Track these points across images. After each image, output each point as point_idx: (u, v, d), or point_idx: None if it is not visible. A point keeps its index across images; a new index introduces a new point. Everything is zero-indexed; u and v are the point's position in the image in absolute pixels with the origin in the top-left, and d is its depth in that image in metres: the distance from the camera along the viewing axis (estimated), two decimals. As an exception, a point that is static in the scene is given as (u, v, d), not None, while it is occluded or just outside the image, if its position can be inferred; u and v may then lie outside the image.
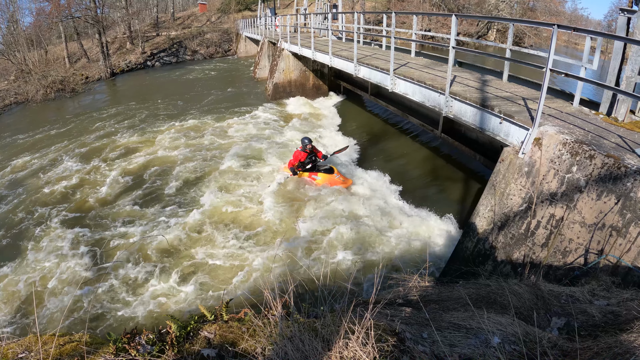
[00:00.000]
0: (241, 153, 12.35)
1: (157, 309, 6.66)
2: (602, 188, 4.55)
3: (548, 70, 5.27)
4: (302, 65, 18.82)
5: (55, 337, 2.41)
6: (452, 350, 2.27)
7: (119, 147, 14.16)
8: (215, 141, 14.00)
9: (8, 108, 24.38)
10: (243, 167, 11.53)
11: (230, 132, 15.02)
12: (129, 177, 11.53)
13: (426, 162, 10.65)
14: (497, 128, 6.33)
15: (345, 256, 7.49)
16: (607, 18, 50.71)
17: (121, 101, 22.19)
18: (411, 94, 8.87)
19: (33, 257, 8.19)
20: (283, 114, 17.11)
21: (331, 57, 13.64)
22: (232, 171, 11.29)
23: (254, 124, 15.71)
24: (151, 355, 2.07)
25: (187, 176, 11.29)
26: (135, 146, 14.09)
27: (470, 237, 6.16)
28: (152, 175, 11.53)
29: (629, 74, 5.46)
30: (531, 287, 3.37)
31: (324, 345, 2.08)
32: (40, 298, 7.02)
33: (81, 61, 33.65)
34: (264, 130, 14.84)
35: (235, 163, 11.72)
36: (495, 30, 43.30)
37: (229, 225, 8.72)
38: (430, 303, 3.35)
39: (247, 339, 2.20)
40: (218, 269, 7.47)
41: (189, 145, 13.65)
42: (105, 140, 15.07)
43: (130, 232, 8.77)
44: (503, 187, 5.79)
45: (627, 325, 2.51)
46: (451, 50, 7.26)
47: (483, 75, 8.85)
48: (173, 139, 14.47)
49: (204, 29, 41.81)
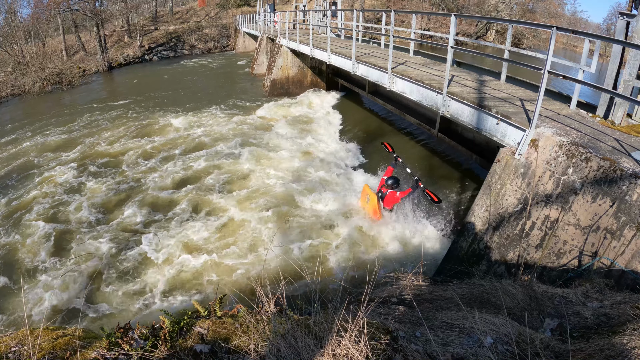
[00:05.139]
0: (229, 152, 12.38)
1: (150, 303, 6.65)
2: (597, 191, 4.56)
3: (546, 72, 5.28)
4: (300, 62, 18.78)
5: (48, 331, 2.40)
6: (444, 350, 2.27)
7: (111, 141, 14.10)
8: (209, 136, 14.01)
9: (4, 100, 24.21)
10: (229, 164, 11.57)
11: (220, 128, 14.99)
12: (119, 176, 11.50)
13: (422, 161, 10.66)
14: (494, 129, 6.34)
15: (339, 254, 7.49)
16: (606, 21, 51.06)
17: (118, 95, 22.10)
18: (409, 92, 8.86)
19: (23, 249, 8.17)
20: (278, 111, 17.08)
21: (329, 54, 13.62)
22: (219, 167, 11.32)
23: (248, 120, 15.71)
24: (144, 350, 2.06)
25: (175, 174, 11.24)
26: (125, 143, 13.98)
27: (465, 237, 6.17)
28: (146, 171, 11.50)
29: (626, 77, 5.48)
30: (525, 287, 3.37)
31: (317, 343, 2.08)
32: (31, 291, 7.01)
33: (79, 54, 33.48)
34: (256, 129, 14.83)
35: (224, 160, 11.75)
36: (494, 31, 43.34)
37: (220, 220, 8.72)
38: (424, 302, 3.35)
39: (240, 335, 2.19)
40: (211, 265, 7.45)
41: (183, 142, 13.62)
42: (97, 133, 15.01)
43: (121, 228, 8.75)
44: (499, 188, 5.80)
45: (619, 328, 2.51)
46: (449, 50, 7.27)
47: (481, 76, 8.85)
48: (167, 133, 14.44)
49: (202, 24, 41.65)
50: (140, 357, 2.01)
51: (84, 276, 7.25)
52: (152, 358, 2.02)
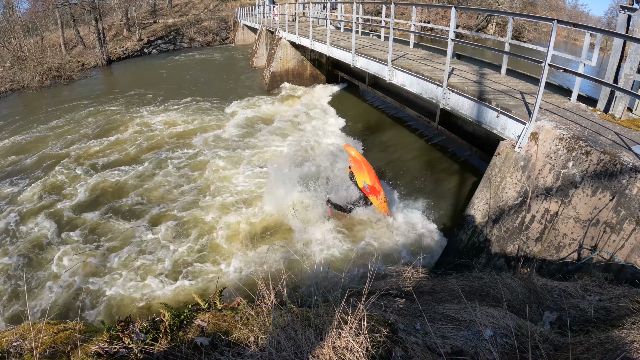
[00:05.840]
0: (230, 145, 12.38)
1: (151, 297, 6.67)
2: (597, 184, 4.56)
3: (547, 65, 5.26)
4: (300, 54, 18.71)
5: (49, 325, 2.40)
6: (444, 342, 2.28)
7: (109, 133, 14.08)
8: (208, 128, 14.02)
9: (3, 95, 24.11)
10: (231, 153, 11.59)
11: (221, 120, 14.98)
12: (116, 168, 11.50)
13: (422, 153, 10.65)
14: (494, 121, 6.33)
15: (339, 247, 7.50)
16: (607, 15, 50.73)
17: (116, 88, 21.99)
18: (409, 85, 8.83)
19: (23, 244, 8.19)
20: (278, 103, 17.05)
21: (329, 46, 13.57)
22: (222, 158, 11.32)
23: (248, 113, 15.71)
24: (144, 343, 2.06)
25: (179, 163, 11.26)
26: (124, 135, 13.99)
27: (464, 230, 6.17)
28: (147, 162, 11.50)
29: (627, 71, 5.46)
30: (524, 280, 3.38)
31: (317, 335, 2.08)
32: (32, 286, 7.03)
33: (77, 48, 33.29)
34: (256, 122, 14.83)
35: (225, 152, 11.77)
36: (494, 24, 43.16)
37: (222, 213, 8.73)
38: (424, 294, 3.36)
39: (240, 328, 2.20)
40: (212, 258, 7.47)
41: (184, 133, 13.62)
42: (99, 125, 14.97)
43: (121, 221, 8.76)
44: (498, 181, 5.79)
45: (618, 322, 2.52)
46: (450, 43, 7.23)
47: (481, 69, 8.82)
48: (170, 125, 14.42)
49: (201, 17, 41.39)
50: (141, 350, 2.02)
51: (86, 270, 7.27)
52: (153, 351, 2.03)
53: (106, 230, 8.48)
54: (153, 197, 9.71)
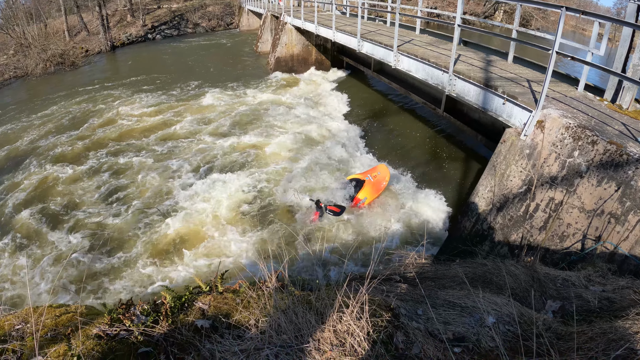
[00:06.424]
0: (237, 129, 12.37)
1: (152, 279, 6.70)
2: (602, 174, 4.52)
3: (554, 52, 5.18)
4: (305, 39, 18.58)
5: (51, 309, 2.41)
6: (446, 328, 2.27)
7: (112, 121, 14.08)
8: (218, 112, 14.02)
9: (7, 82, 24.07)
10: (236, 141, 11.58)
11: (226, 106, 14.95)
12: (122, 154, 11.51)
13: (427, 140, 10.60)
14: (500, 109, 6.27)
15: (343, 231, 7.50)
16: (617, 5, 50.03)
17: (121, 74, 21.93)
18: (414, 71, 8.75)
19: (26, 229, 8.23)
20: (283, 88, 16.98)
21: (334, 32, 13.46)
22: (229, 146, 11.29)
23: (252, 99, 15.67)
24: (145, 325, 2.07)
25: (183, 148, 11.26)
26: (130, 121, 13.97)
27: (468, 217, 6.15)
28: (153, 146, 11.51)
29: (636, 61, 5.37)
30: (528, 269, 3.37)
31: (318, 318, 2.08)
32: (35, 269, 7.08)
33: (81, 34, 33.11)
34: (263, 105, 14.78)
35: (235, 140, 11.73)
36: (502, 12, 42.64)
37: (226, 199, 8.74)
38: (426, 280, 3.35)
39: (241, 311, 2.20)
40: (213, 240, 7.49)
41: (192, 119, 13.60)
42: (102, 111, 14.97)
43: (124, 207, 8.79)
44: (503, 169, 5.75)
45: (621, 312, 2.51)
46: (456, 29, 7.13)
47: (488, 55, 8.72)
48: (177, 114, 14.40)
49: (206, 2, 41.01)
50: (141, 332, 2.02)
51: (88, 254, 7.31)
52: (153, 333, 2.03)
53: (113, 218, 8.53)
54: (157, 190, 9.74)
